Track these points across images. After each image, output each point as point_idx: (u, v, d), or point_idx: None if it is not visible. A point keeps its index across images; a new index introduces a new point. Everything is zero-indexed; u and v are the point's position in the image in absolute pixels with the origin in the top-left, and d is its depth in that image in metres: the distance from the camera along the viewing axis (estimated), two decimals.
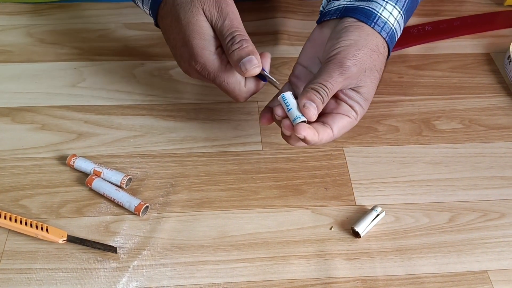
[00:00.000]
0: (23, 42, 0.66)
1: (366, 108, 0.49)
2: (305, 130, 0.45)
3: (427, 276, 0.47)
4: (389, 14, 0.49)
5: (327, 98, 0.46)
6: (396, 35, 0.50)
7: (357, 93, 0.48)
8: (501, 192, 0.53)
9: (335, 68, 0.46)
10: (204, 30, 0.47)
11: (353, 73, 0.46)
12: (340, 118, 0.48)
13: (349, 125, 0.49)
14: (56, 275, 0.46)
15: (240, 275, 0.47)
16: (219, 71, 0.47)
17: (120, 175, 0.52)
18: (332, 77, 0.46)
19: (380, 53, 0.48)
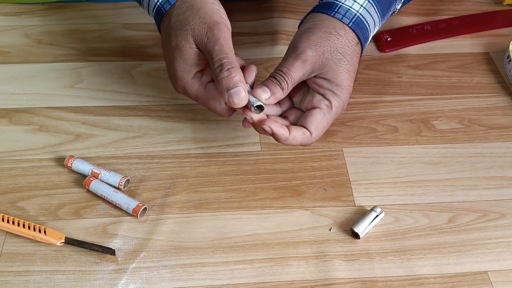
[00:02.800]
0: (21, 43, 0.65)
1: (343, 96, 0.48)
2: (271, 123, 0.46)
3: (427, 277, 0.47)
4: (353, 2, 0.49)
5: (285, 83, 0.47)
6: (364, 22, 0.50)
7: (324, 80, 0.48)
8: (501, 192, 0.53)
9: (290, 53, 0.48)
10: (188, 55, 0.48)
11: (309, 56, 0.47)
12: (313, 114, 0.48)
13: (324, 117, 0.48)
14: (54, 277, 0.46)
15: (239, 276, 0.46)
16: (199, 92, 0.49)
17: (118, 176, 0.51)
18: (288, 61, 0.47)
19: (340, 36, 0.48)
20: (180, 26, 0.48)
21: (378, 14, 0.51)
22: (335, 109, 0.49)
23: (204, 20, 0.48)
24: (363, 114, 0.59)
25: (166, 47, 0.50)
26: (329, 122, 0.49)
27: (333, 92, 0.48)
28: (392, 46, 0.67)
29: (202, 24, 0.48)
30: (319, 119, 0.48)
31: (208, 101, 0.49)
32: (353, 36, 0.49)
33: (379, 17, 0.52)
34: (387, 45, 0.67)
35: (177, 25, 0.49)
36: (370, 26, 0.51)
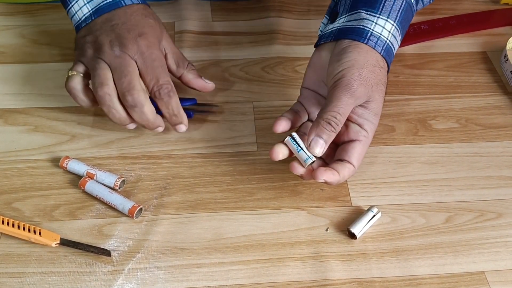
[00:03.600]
0: (16, 43, 0.65)
1: (376, 123, 0.49)
2: (323, 174, 0.46)
3: (424, 277, 0.47)
4: (382, 29, 0.49)
5: (340, 124, 0.46)
6: (392, 48, 0.50)
7: (365, 109, 0.49)
8: (498, 192, 0.53)
9: (344, 92, 0.47)
10: None
11: (361, 93, 0.47)
12: (354, 147, 0.48)
13: (364, 148, 0.49)
14: (49, 278, 0.45)
15: (235, 277, 0.46)
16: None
17: (114, 177, 0.51)
18: (342, 101, 0.46)
19: (381, 67, 0.49)
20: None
21: (400, 38, 0.52)
22: (371, 136, 0.49)
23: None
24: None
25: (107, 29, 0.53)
26: (366, 149, 0.49)
27: (370, 121, 0.49)
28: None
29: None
30: (359, 151, 0.48)
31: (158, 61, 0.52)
32: (385, 63, 0.50)
33: (399, 40, 0.52)
34: None
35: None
36: (394, 51, 0.51)
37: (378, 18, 0.49)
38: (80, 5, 0.54)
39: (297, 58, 0.65)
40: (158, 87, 0.51)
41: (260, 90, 0.61)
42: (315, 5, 0.72)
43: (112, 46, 0.51)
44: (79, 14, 0.54)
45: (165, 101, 0.51)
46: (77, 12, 0.54)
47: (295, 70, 0.63)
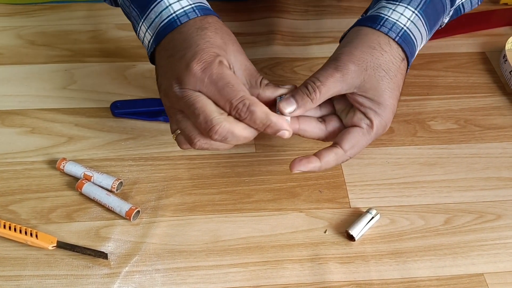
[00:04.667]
0: (13, 44, 0.65)
1: (385, 115, 0.46)
2: (295, 165, 0.44)
3: (423, 279, 0.47)
4: (400, 15, 0.46)
5: (317, 93, 0.44)
6: (411, 36, 0.47)
7: (366, 98, 0.45)
8: (497, 193, 0.53)
9: (330, 64, 0.45)
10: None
11: (350, 70, 0.44)
12: (351, 132, 0.45)
13: (362, 137, 0.45)
14: (46, 282, 0.45)
15: (233, 280, 0.46)
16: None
17: (111, 179, 0.51)
18: (326, 71, 0.44)
19: (384, 51, 0.45)
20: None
21: (426, 28, 0.48)
22: (376, 129, 0.45)
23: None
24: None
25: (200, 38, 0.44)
26: (367, 142, 0.46)
27: (375, 111, 0.45)
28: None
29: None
30: (357, 138, 0.45)
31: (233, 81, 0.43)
32: (399, 52, 0.46)
33: (427, 31, 0.48)
34: None
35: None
36: (417, 41, 0.47)
37: (398, 5, 0.47)
38: (143, 31, 0.47)
39: (296, 59, 0.65)
40: (234, 110, 0.42)
41: None
42: (314, 6, 0.72)
43: (172, 87, 0.43)
44: (145, 43, 0.47)
45: (249, 118, 0.43)
46: (143, 40, 0.48)
47: (293, 71, 0.63)
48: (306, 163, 0.45)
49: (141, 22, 0.47)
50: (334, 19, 0.70)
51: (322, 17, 0.70)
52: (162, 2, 0.45)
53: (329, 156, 0.45)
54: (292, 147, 0.56)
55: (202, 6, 0.46)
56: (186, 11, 0.45)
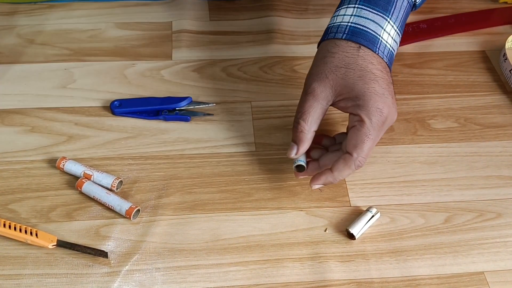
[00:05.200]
0: (12, 43, 0.65)
1: (367, 104, 0.46)
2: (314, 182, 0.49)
3: (423, 278, 0.47)
4: (342, 16, 0.49)
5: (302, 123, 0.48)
6: (360, 27, 0.48)
7: (346, 99, 0.47)
8: (497, 191, 0.53)
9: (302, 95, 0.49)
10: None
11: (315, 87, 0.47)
12: (348, 135, 0.47)
13: (357, 133, 0.46)
14: (46, 280, 0.45)
15: (234, 279, 0.46)
16: None
17: (111, 178, 0.51)
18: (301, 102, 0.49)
19: (334, 53, 0.47)
20: None
21: (377, 11, 0.48)
22: (367, 121, 0.46)
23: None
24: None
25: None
26: (367, 135, 0.46)
27: (357, 105, 0.46)
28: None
29: None
30: (353, 136, 0.47)
31: None
32: (349, 44, 0.48)
33: (382, 13, 0.48)
34: None
35: None
36: (370, 27, 0.48)
37: (339, 9, 0.50)
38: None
39: (296, 58, 0.65)
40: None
41: (258, 90, 0.61)
42: (314, 4, 0.72)
43: None
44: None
45: None
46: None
47: (293, 70, 0.63)
48: (323, 178, 0.48)
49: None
50: None
51: (322, 16, 0.70)
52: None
53: (338, 164, 0.47)
54: None
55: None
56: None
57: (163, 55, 0.64)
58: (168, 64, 0.63)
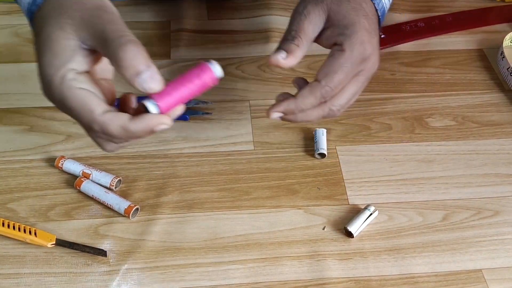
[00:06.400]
0: (11, 42, 0.65)
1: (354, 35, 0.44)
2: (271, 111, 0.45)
3: (421, 275, 0.47)
4: None
5: (298, 39, 0.44)
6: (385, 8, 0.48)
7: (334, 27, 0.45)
8: (495, 189, 0.53)
9: (294, 16, 0.46)
10: (59, 48, 0.38)
11: (310, 9, 0.45)
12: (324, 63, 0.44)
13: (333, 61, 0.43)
14: (45, 279, 0.45)
15: (232, 277, 0.46)
16: (65, 96, 0.38)
17: (110, 177, 0.51)
18: (294, 20, 0.45)
19: None
20: (54, 14, 0.39)
21: None
22: (348, 51, 0.43)
23: (85, 6, 0.38)
24: (357, 112, 0.59)
25: (37, 41, 0.40)
26: (341, 65, 0.43)
27: (343, 34, 0.44)
28: (385, 43, 0.66)
29: (82, 10, 0.38)
30: (327, 64, 0.43)
31: (75, 108, 0.38)
32: None
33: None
34: (380, 42, 0.66)
35: (50, 14, 0.39)
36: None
37: None
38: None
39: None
40: None
41: (257, 88, 0.61)
42: None
43: None
44: None
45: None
46: None
47: (292, 69, 0.63)
48: (281, 103, 0.44)
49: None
50: None
51: None
52: None
53: (303, 90, 0.44)
54: (290, 144, 0.56)
55: None
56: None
57: (161, 54, 0.64)
58: (167, 63, 0.63)
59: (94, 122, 0.38)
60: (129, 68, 0.36)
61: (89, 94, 0.38)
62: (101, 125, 0.38)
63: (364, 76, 0.46)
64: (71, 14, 0.38)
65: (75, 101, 0.38)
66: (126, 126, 0.38)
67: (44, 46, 0.38)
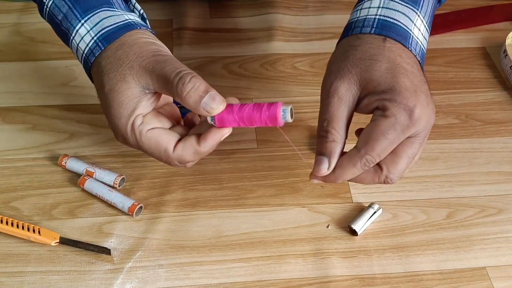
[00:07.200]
0: (13, 41, 0.65)
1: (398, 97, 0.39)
2: (313, 175, 0.43)
3: (425, 273, 0.47)
4: (368, 9, 0.44)
5: (332, 133, 0.41)
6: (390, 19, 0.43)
7: (372, 94, 0.40)
8: (499, 187, 0.53)
9: (322, 95, 0.42)
10: (125, 98, 0.41)
11: (337, 86, 0.41)
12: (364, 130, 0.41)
13: (374, 127, 0.40)
14: (49, 278, 0.45)
15: (236, 275, 0.46)
16: (139, 142, 0.42)
17: (113, 175, 0.51)
18: (324, 105, 0.42)
19: (356, 45, 0.42)
20: (113, 67, 0.42)
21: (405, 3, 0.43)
22: (392, 117, 0.39)
23: (142, 54, 0.41)
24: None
25: (100, 94, 0.43)
26: (383, 133, 0.39)
27: (383, 99, 0.40)
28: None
29: (140, 58, 0.41)
30: (368, 131, 0.40)
31: (151, 150, 0.42)
32: (374, 37, 0.42)
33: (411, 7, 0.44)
34: None
35: (109, 68, 0.42)
36: (400, 20, 0.43)
37: (363, 2, 0.44)
38: None
39: (296, 55, 0.65)
40: None
41: (259, 87, 0.61)
42: (314, 1, 0.72)
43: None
44: None
45: None
46: None
47: (294, 67, 0.63)
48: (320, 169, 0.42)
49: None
50: (335, 14, 0.70)
51: (323, 13, 0.70)
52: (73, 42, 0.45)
53: (342, 159, 0.41)
54: (294, 142, 0.56)
55: (105, 33, 0.43)
56: (91, 48, 0.44)
57: None
58: None
59: (171, 159, 0.42)
60: (192, 97, 0.39)
61: (159, 133, 0.42)
62: (178, 159, 0.42)
63: (422, 138, 0.41)
64: (130, 64, 0.41)
65: (148, 144, 0.42)
66: (197, 150, 0.42)
67: (109, 98, 0.42)
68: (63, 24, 0.45)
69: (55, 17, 0.46)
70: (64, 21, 0.45)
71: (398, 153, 0.41)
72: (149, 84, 0.41)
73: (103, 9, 0.45)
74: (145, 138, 0.42)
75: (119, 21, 0.44)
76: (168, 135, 0.42)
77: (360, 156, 0.40)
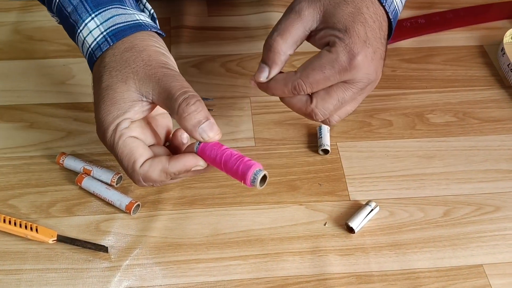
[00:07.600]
0: (11, 39, 0.65)
1: (347, 40, 0.42)
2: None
3: (422, 271, 0.47)
4: None
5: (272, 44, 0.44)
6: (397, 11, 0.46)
7: (327, 28, 0.43)
8: (496, 185, 0.53)
9: (288, 13, 0.45)
10: (119, 99, 0.41)
11: (303, 7, 0.43)
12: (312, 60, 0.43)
13: (316, 58, 0.43)
14: (46, 275, 0.45)
15: (234, 272, 0.46)
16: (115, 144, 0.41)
17: (111, 173, 0.51)
18: (286, 19, 0.45)
19: None
20: (117, 67, 0.42)
21: None
22: (334, 54, 0.42)
23: (149, 62, 0.41)
24: (358, 108, 0.58)
25: (96, 87, 0.43)
26: (322, 66, 0.42)
27: (335, 36, 0.42)
28: None
29: (147, 66, 0.41)
30: (310, 60, 0.43)
31: (122, 157, 0.41)
32: None
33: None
34: None
35: (113, 66, 0.42)
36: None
37: None
38: None
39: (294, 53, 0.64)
40: None
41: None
42: None
43: None
44: None
45: None
46: None
47: (292, 65, 0.63)
48: (260, 74, 0.44)
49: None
50: None
51: None
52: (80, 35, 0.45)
53: (278, 75, 0.44)
54: (291, 141, 0.56)
55: (115, 30, 0.43)
56: (99, 43, 0.44)
57: None
58: None
59: (135, 174, 0.41)
60: (191, 120, 0.40)
61: (137, 144, 0.41)
62: (143, 175, 0.41)
63: (356, 87, 0.44)
64: (135, 69, 0.41)
65: (122, 150, 0.41)
66: (165, 168, 0.41)
67: (104, 94, 0.41)
68: (71, 16, 0.45)
69: (65, 9, 0.45)
70: (73, 13, 0.45)
71: (330, 92, 0.44)
72: (149, 93, 0.41)
73: (115, 6, 0.45)
74: (122, 143, 0.41)
75: (130, 20, 0.44)
76: (144, 150, 0.41)
77: (294, 78, 0.43)
